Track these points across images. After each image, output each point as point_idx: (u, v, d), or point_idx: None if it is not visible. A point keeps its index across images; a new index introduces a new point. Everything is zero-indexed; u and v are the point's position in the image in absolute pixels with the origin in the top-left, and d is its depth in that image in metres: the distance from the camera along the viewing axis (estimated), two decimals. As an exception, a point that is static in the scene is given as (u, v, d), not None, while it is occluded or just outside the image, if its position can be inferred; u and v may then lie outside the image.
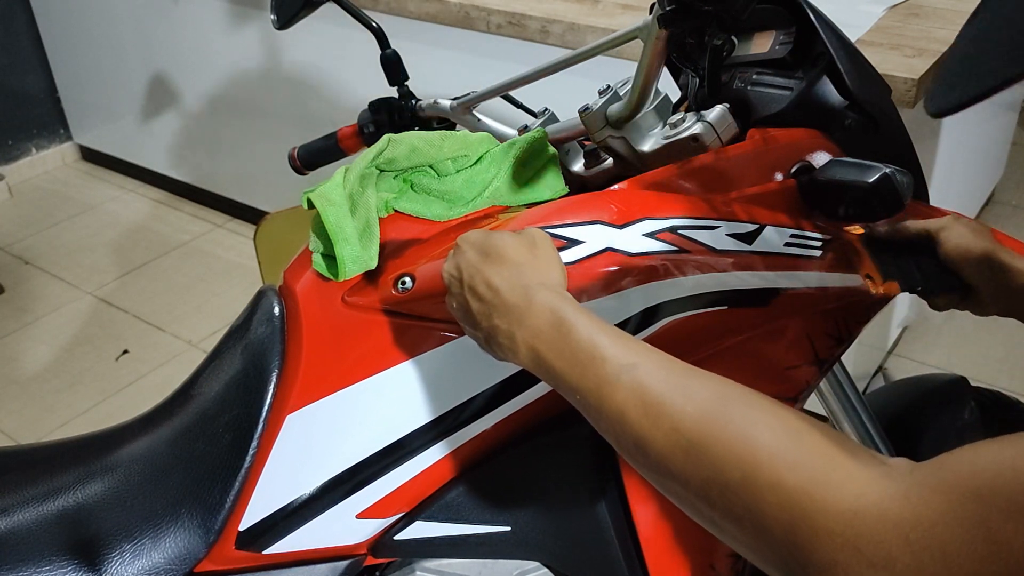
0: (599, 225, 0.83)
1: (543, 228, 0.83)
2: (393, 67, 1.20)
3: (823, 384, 1.06)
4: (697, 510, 0.55)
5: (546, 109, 1.10)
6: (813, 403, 1.07)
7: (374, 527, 0.84)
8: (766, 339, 0.89)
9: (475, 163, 0.91)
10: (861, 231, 0.91)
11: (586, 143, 1.03)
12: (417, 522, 0.84)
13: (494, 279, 0.70)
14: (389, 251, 0.87)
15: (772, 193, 0.89)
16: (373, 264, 0.86)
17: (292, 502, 0.81)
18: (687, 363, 0.61)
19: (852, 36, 0.92)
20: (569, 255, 0.81)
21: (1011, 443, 0.44)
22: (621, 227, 0.83)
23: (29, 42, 3.25)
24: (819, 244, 0.88)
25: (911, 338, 2.33)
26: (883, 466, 0.48)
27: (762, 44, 0.93)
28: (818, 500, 0.48)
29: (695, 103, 0.96)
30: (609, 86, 0.95)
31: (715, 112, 0.88)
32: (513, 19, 1.91)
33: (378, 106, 1.20)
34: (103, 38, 3.01)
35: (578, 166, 1.02)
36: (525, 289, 0.68)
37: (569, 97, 1.12)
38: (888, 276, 0.89)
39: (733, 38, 0.91)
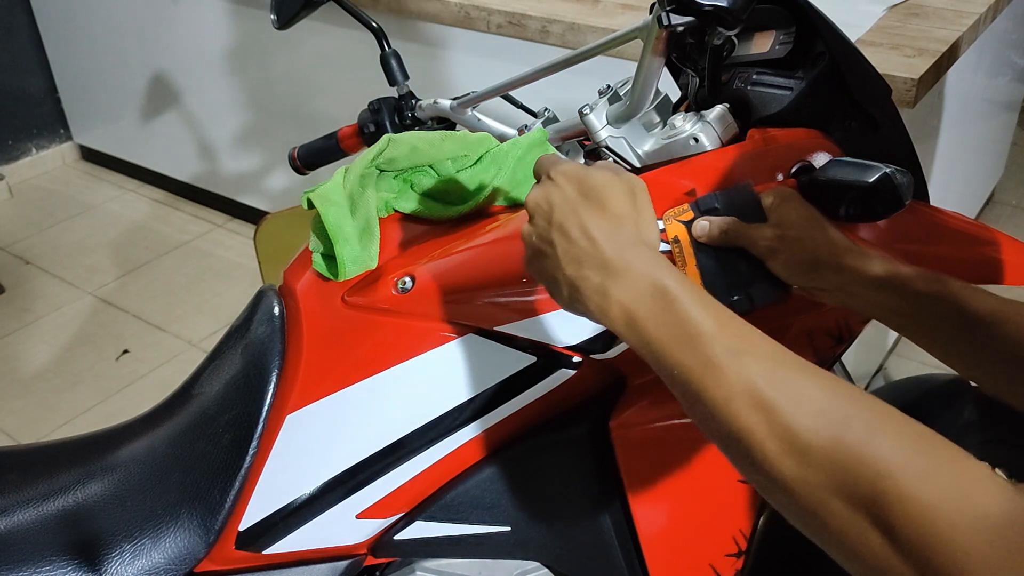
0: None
1: None
2: (393, 67, 1.20)
3: (823, 384, 1.06)
4: (802, 520, 0.52)
5: (546, 109, 1.10)
6: (813, 403, 1.07)
7: (374, 527, 0.84)
8: (766, 339, 0.89)
9: (475, 163, 0.91)
10: (686, 240, 0.79)
11: (586, 143, 1.03)
12: (417, 522, 0.84)
13: (592, 228, 0.63)
14: (389, 251, 0.87)
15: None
16: (373, 264, 0.86)
17: (292, 502, 0.81)
18: (798, 356, 0.57)
19: (852, 36, 0.91)
20: None
21: None
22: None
23: (29, 42, 3.25)
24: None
25: (911, 338, 2.32)
26: (1005, 480, 0.46)
27: (762, 44, 0.93)
28: (952, 516, 0.45)
29: (695, 103, 0.96)
30: (609, 86, 0.95)
31: (715, 112, 0.88)
32: (513, 19, 1.91)
33: (378, 106, 1.20)
34: (103, 38, 3.01)
35: (578, 166, 1.02)
36: (625, 246, 0.63)
37: (569, 97, 1.12)
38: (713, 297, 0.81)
39: (733, 38, 0.91)
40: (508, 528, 0.86)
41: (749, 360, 0.55)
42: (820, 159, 0.88)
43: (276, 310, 0.87)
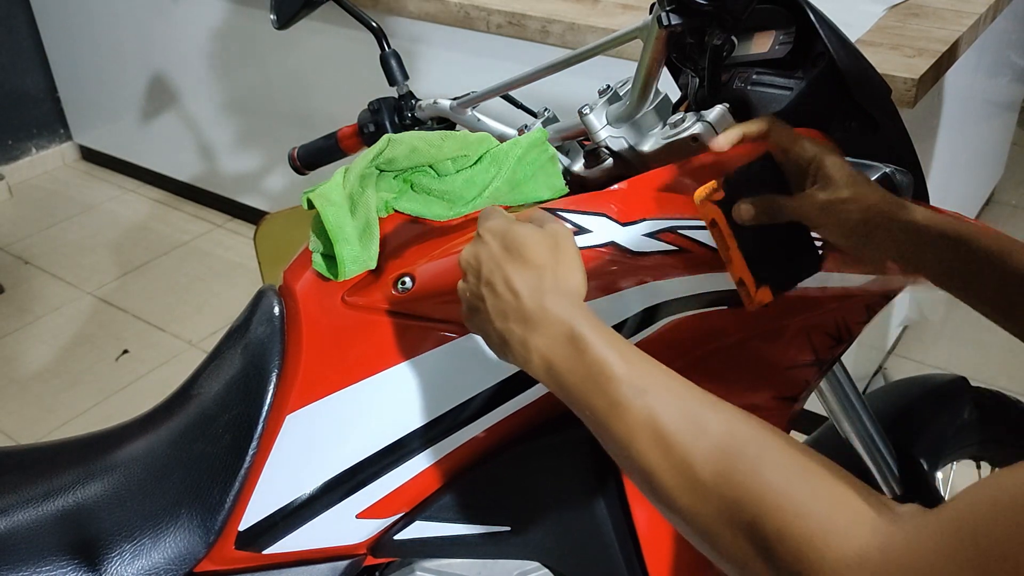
0: (604, 218, 0.83)
1: (551, 211, 0.83)
2: (393, 67, 1.20)
3: (823, 384, 1.06)
4: (700, 545, 0.55)
5: (546, 109, 1.10)
6: (813, 403, 1.07)
7: (374, 527, 0.84)
8: (766, 339, 0.89)
9: (475, 163, 0.91)
10: (724, 222, 0.79)
11: (586, 143, 1.03)
12: (417, 522, 0.84)
13: (515, 280, 0.67)
14: (389, 251, 0.87)
15: (772, 193, 0.89)
16: (373, 264, 0.86)
17: (292, 502, 0.81)
18: (703, 390, 0.59)
19: (852, 36, 0.91)
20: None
21: (1009, 476, 0.44)
22: (624, 225, 0.83)
23: (29, 42, 3.25)
24: (819, 244, 0.88)
25: (911, 338, 2.33)
26: (888, 512, 0.48)
27: (762, 44, 0.93)
28: (822, 549, 0.47)
29: (695, 103, 0.96)
30: (609, 86, 0.95)
31: (715, 112, 0.88)
32: (513, 19, 1.91)
33: (378, 106, 1.20)
34: (103, 38, 3.01)
35: (578, 166, 1.02)
36: (543, 296, 0.66)
37: (569, 97, 1.12)
38: (760, 280, 0.79)
39: (733, 38, 0.91)
40: (508, 528, 0.86)
41: (651, 397, 0.58)
42: (820, 159, 0.88)
43: (276, 310, 0.87)
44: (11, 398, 2.30)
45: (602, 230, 0.83)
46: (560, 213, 0.83)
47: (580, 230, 0.82)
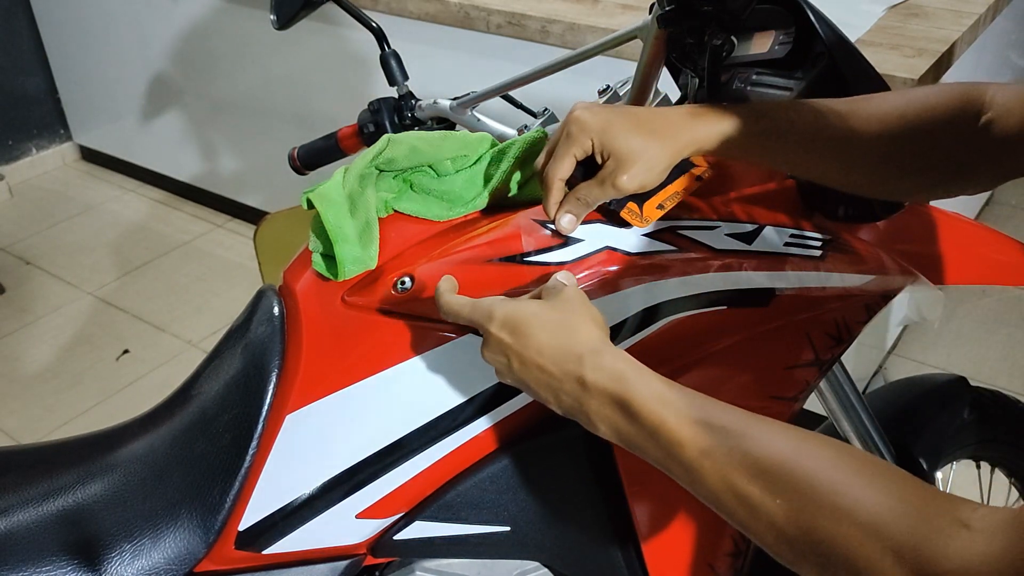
0: (598, 224, 0.83)
1: (540, 222, 0.83)
2: (393, 67, 1.20)
3: (823, 384, 1.06)
4: None
5: (546, 109, 1.10)
6: (813, 403, 1.07)
7: (374, 527, 0.84)
8: (766, 339, 0.90)
9: (474, 163, 0.91)
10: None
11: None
12: (417, 522, 0.84)
13: (544, 363, 0.68)
14: (389, 251, 0.87)
15: (771, 193, 0.89)
16: (373, 264, 0.86)
17: (292, 502, 0.81)
18: (751, 415, 0.61)
19: (852, 36, 0.92)
20: (567, 253, 0.82)
21: None
22: (622, 226, 0.83)
23: (29, 42, 3.25)
24: (819, 244, 0.88)
25: (911, 338, 2.33)
26: (969, 531, 0.49)
27: (762, 44, 0.93)
28: (922, 568, 0.49)
29: (695, 103, 0.96)
30: (609, 86, 0.95)
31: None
32: (513, 19, 1.91)
33: (378, 106, 1.21)
34: (103, 38, 3.01)
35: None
36: (576, 366, 0.67)
37: (569, 97, 1.12)
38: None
39: (733, 38, 0.91)
40: (508, 528, 0.86)
41: (718, 460, 0.59)
42: (820, 159, 0.88)
43: (276, 310, 0.87)
44: (11, 398, 2.30)
45: (596, 236, 0.83)
46: (549, 225, 0.83)
47: (572, 239, 0.82)
